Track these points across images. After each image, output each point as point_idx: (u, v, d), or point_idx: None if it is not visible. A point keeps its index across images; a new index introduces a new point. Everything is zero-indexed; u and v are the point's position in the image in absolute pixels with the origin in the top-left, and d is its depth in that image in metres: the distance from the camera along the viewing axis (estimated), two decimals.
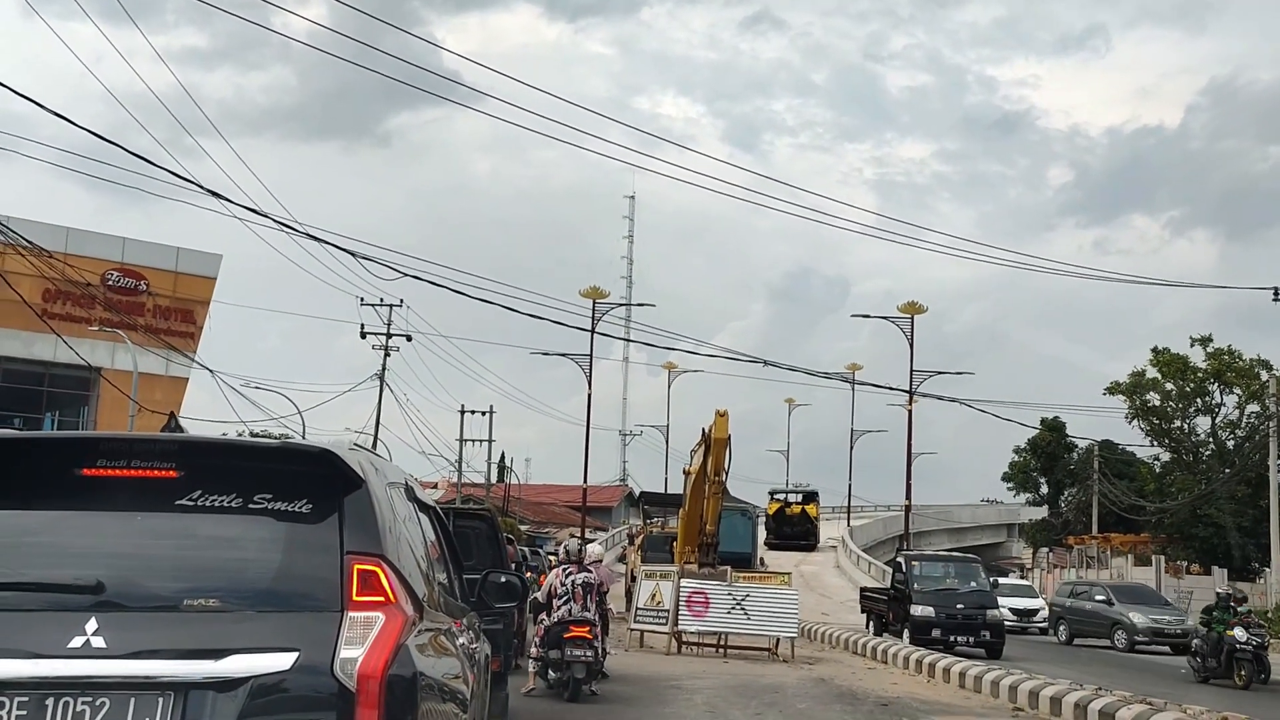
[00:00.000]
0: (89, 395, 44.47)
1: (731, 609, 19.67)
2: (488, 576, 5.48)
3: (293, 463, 3.76)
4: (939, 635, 21.93)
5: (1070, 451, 67.06)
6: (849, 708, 13.22)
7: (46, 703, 3.27)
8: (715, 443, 24.29)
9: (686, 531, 27.59)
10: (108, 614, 3.37)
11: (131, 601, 3.43)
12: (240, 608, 3.45)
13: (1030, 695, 13.63)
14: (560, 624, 12.76)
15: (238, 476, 3.65)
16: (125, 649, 3.31)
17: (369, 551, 3.58)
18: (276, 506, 3.61)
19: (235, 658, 3.32)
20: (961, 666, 16.49)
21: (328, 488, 3.64)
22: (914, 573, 23.43)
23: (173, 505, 3.59)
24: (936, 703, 14.22)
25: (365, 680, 3.36)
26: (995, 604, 23.10)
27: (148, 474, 3.63)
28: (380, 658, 3.41)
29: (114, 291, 44.00)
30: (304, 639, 3.38)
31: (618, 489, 77.63)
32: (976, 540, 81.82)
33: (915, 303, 39.27)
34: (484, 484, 57.65)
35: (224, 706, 3.29)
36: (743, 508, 39.13)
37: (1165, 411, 52.85)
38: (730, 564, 27.09)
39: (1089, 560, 52.99)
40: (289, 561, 3.55)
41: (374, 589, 3.53)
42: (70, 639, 3.31)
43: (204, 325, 46.83)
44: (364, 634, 3.44)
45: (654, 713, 12.28)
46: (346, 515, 3.61)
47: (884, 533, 68.58)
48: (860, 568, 48.76)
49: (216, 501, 3.60)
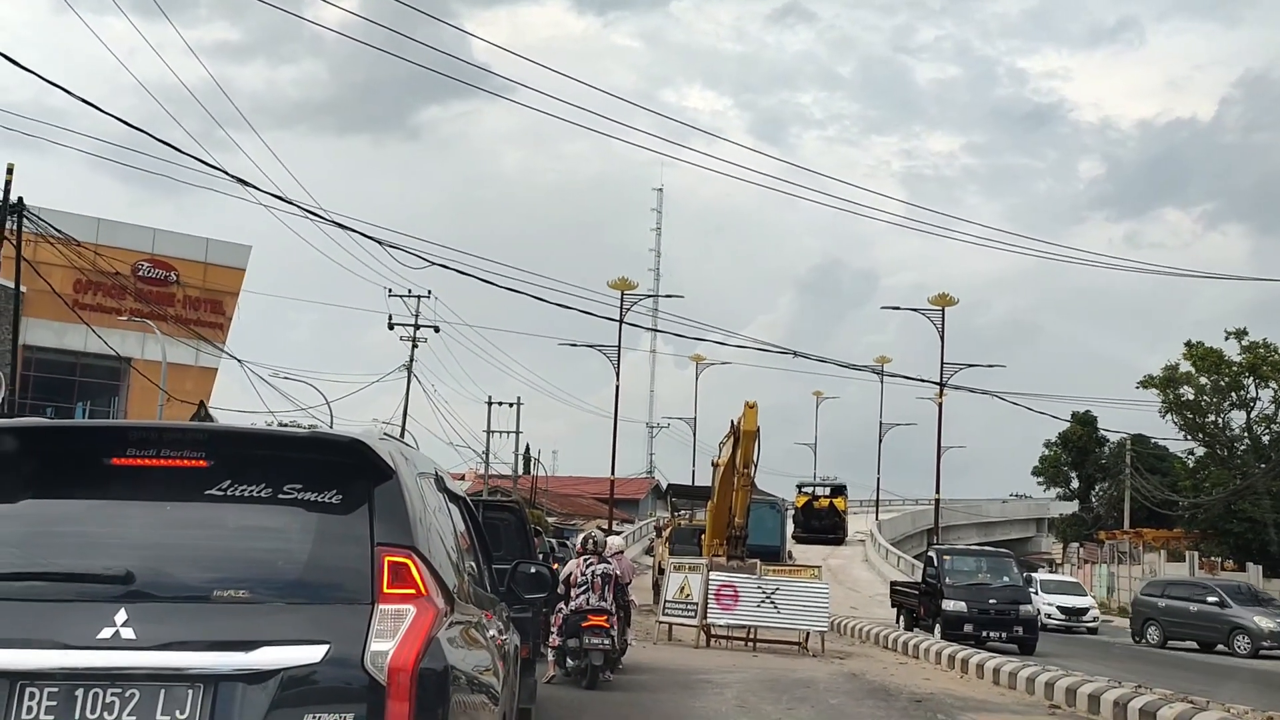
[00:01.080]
0: (119, 385, 44.74)
1: (761, 602, 19.48)
2: (517, 567, 5.47)
3: (323, 452, 3.71)
4: (971, 630, 21.68)
5: (1102, 446, 66.35)
6: (882, 704, 13.01)
7: (76, 694, 3.24)
8: (744, 435, 24.13)
9: (715, 524, 27.46)
10: (137, 605, 3.34)
11: (161, 592, 3.40)
12: (270, 599, 3.41)
13: (1067, 692, 13.38)
14: (578, 613, 13.03)
15: (267, 466, 3.61)
16: (155, 640, 3.28)
17: (400, 543, 3.53)
18: (306, 497, 3.56)
19: (265, 650, 3.29)
20: (995, 662, 16.24)
21: (358, 478, 3.59)
22: (945, 567, 23.16)
23: (202, 495, 3.55)
24: (971, 699, 13.99)
25: (396, 673, 3.32)
26: (1028, 599, 22.80)
27: (177, 463, 3.59)
28: (412, 651, 3.36)
29: (144, 282, 44.23)
30: (334, 631, 3.35)
31: (644, 481, 77.45)
32: (1005, 535, 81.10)
33: (946, 295, 38.83)
34: (511, 475, 57.67)
35: (254, 699, 3.26)
36: (771, 501, 38.96)
37: (1199, 406, 52.09)
38: (759, 557, 26.97)
39: (1121, 556, 52.41)
40: (319, 553, 3.50)
41: (405, 581, 3.49)
42: (100, 630, 3.28)
43: (233, 316, 47.03)
44: (395, 627, 3.39)
45: (685, 706, 12.12)
46: (377, 506, 3.57)
47: (912, 526, 68.11)
48: (889, 562, 48.40)
49: (246, 491, 3.56)
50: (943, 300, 38.61)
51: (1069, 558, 62.24)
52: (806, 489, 61.22)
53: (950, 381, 38.89)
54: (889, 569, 46.97)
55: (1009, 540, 77.16)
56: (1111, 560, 52.76)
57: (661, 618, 21.07)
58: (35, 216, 19.99)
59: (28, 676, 3.25)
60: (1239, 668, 22.03)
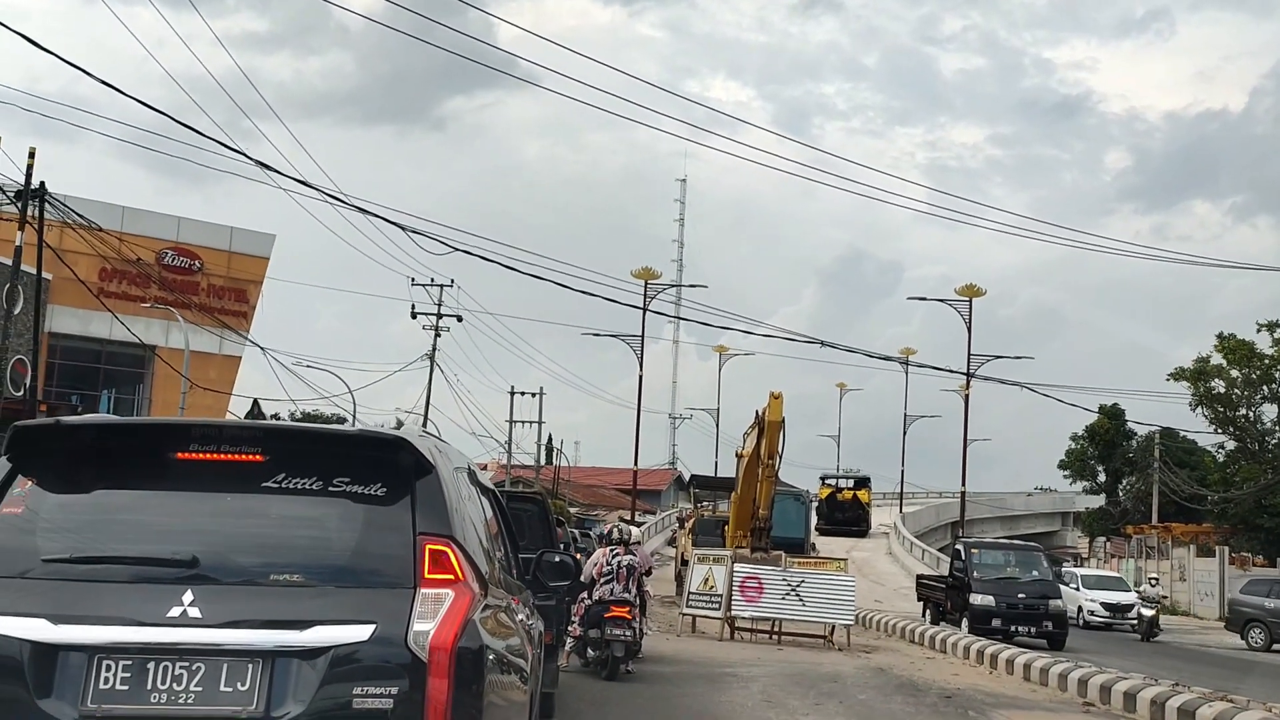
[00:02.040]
0: (144, 373, 44.83)
1: (786, 595, 19.22)
2: (543, 556, 5.72)
3: (369, 449, 3.98)
4: (999, 625, 21.33)
5: (1129, 439, 65.61)
6: (911, 699, 12.74)
7: (148, 667, 3.51)
8: (769, 425, 23.85)
9: (739, 515, 27.18)
10: (202, 587, 3.59)
11: (222, 575, 3.66)
12: (321, 583, 3.66)
13: (1101, 690, 13.07)
14: (601, 604, 12.98)
15: (318, 461, 3.88)
16: (218, 619, 3.54)
17: (439, 533, 3.79)
18: (354, 489, 3.83)
19: (318, 629, 3.54)
20: (1026, 658, 15.93)
21: (401, 472, 3.86)
22: (974, 561, 22.79)
23: (259, 487, 3.82)
24: (1002, 695, 13.70)
25: (436, 652, 3.56)
26: (1058, 594, 22.41)
27: (236, 458, 3.85)
28: (450, 631, 3.61)
29: (169, 270, 44.24)
30: (380, 613, 3.59)
31: (667, 472, 77.30)
32: (1030, 528, 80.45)
33: (974, 285, 38.36)
34: (534, 465, 57.55)
35: (307, 674, 3.51)
36: (796, 492, 38.59)
37: (1230, 399, 51.36)
38: (782, 549, 26.71)
39: (1148, 550, 51.76)
40: (365, 541, 3.76)
41: (444, 567, 3.74)
42: (169, 609, 3.54)
43: (257, 304, 47.01)
44: (435, 609, 3.64)
45: (711, 700, 11.90)
46: (418, 498, 3.83)
47: (936, 519, 67.67)
48: (914, 554, 48.04)
49: (299, 484, 3.83)
50: (970, 291, 38.14)
51: (1095, 552, 61.59)
52: (830, 481, 60.82)
53: (978, 373, 38.42)
54: (913, 562, 46.61)
55: (1033, 534, 76.45)
56: (1139, 555, 52.12)
57: (685, 610, 20.84)
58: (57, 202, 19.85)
59: (104, 650, 3.51)
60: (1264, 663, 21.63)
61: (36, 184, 19.38)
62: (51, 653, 3.51)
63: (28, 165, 19.71)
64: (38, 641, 3.50)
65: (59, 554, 3.70)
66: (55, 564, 3.68)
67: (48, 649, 3.50)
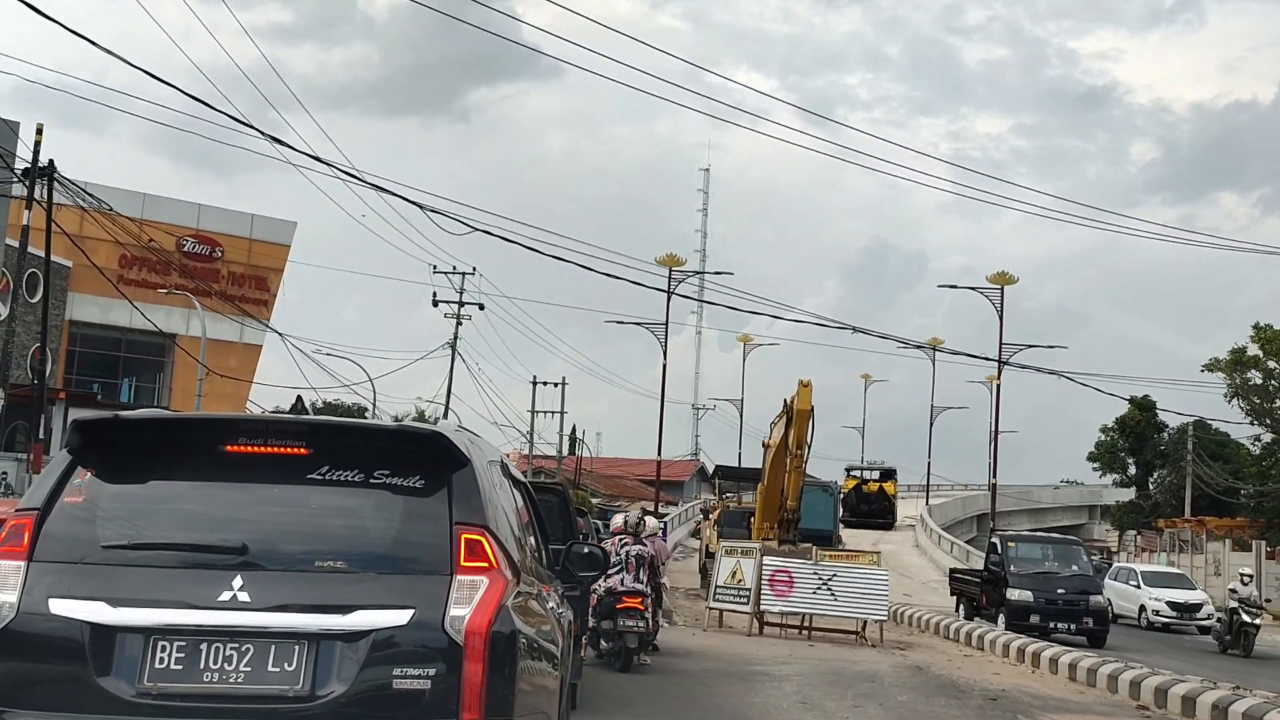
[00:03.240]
0: (164, 361, 44.53)
1: (817, 589, 18.55)
2: (572, 548, 5.86)
3: (408, 443, 4.13)
4: (1037, 621, 20.57)
5: (1161, 432, 64.52)
6: (954, 701, 12.08)
7: (200, 647, 3.69)
8: (798, 414, 23.20)
9: (765, 507, 26.56)
10: (251, 572, 3.76)
11: (270, 562, 3.82)
12: (363, 570, 3.82)
13: (1156, 692, 12.35)
14: (612, 594, 12.67)
15: (360, 454, 4.03)
16: (267, 603, 3.72)
17: (474, 522, 3.94)
18: (393, 481, 3.99)
19: (360, 613, 3.71)
20: (1071, 657, 15.22)
21: (438, 465, 4.02)
22: (1010, 554, 22.00)
23: (304, 479, 4.00)
24: (1049, 698, 13.01)
25: (472, 636, 3.71)
26: (1098, 589, 21.63)
27: (282, 451, 4.02)
28: (485, 616, 3.75)
29: (189, 258, 43.87)
30: (418, 598, 3.75)
31: (689, 463, 76.62)
32: (1057, 521, 79.39)
33: (1005, 273, 37.40)
34: (555, 456, 57.03)
35: (350, 655, 3.67)
36: (824, 484, 37.81)
37: (1267, 390, 50.24)
38: (810, 541, 26.05)
39: (1181, 544, 50.73)
40: (404, 530, 3.93)
41: (479, 556, 3.88)
42: (220, 593, 3.72)
43: (278, 293, 46.64)
44: (470, 595, 3.78)
45: (743, 701, 11.27)
46: (455, 490, 3.98)
47: (963, 512, 66.73)
48: (942, 547, 47.18)
49: (341, 476, 3.99)
50: (1002, 279, 37.21)
51: (1125, 545, 60.55)
52: (855, 473, 60.00)
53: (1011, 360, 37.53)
54: (941, 555, 45.81)
55: (1060, 527, 75.37)
56: (1172, 549, 51.08)
57: (712, 604, 20.19)
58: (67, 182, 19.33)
59: (160, 631, 3.70)
60: None
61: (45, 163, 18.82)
62: (110, 634, 3.68)
63: (36, 142, 19.20)
64: (98, 624, 3.68)
65: (117, 541, 3.88)
66: (113, 550, 3.86)
67: (107, 631, 3.68)
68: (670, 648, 15.97)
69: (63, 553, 3.84)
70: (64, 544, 3.86)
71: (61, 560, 3.82)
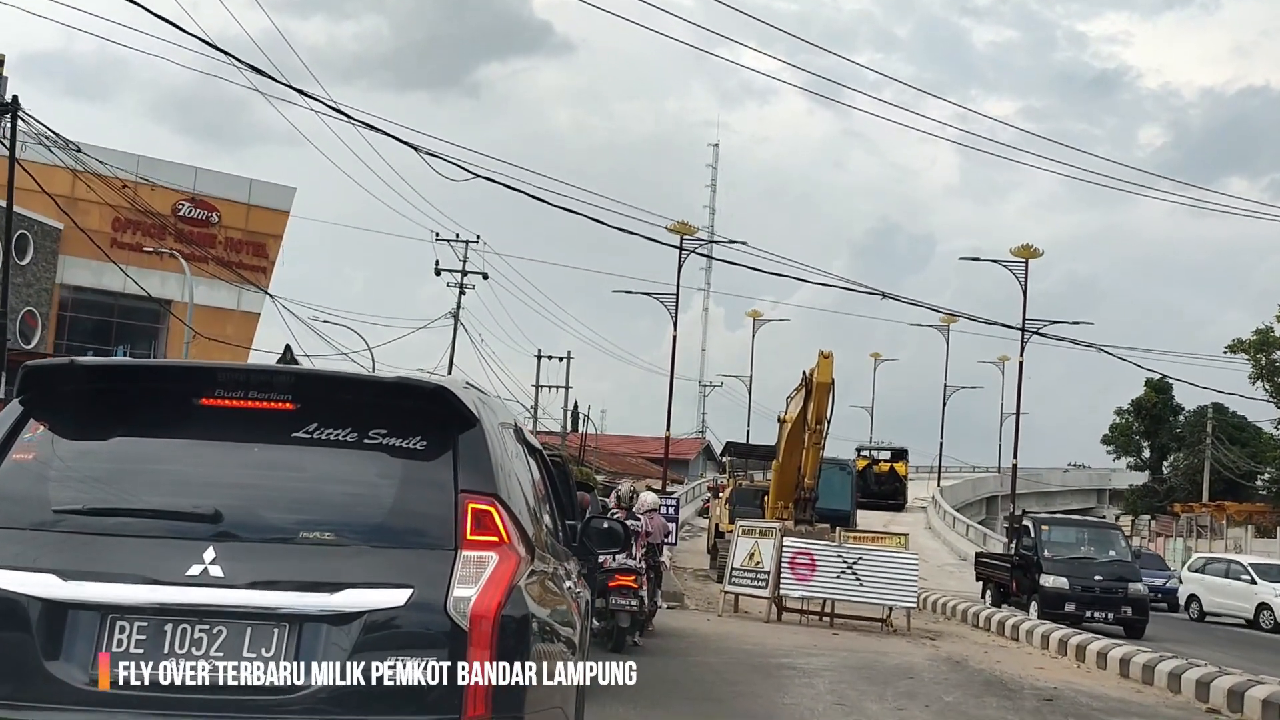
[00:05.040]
0: (159, 328, 43.40)
1: (842, 573, 17.32)
2: (590, 522, 5.39)
3: (408, 399, 3.63)
4: (1073, 610, 19.34)
5: (1177, 415, 63.29)
6: (1006, 702, 10.85)
7: (165, 629, 3.27)
8: (818, 387, 21.99)
9: (780, 485, 25.35)
10: (225, 544, 3.33)
11: (248, 532, 3.40)
12: (354, 542, 3.39)
13: (1230, 695, 11.10)
14: (605, 572, 11.77)
15: (353, 411, 3.59)
16: (242, 579, 3.28)
17: (483, 491, 3.51)
18: (391, 442, 3.54)
19: (349, 592, 3.28)
20: (1120, 651, 14.00)
21: (442, 425, 3.56)
22: (1044, 538, 20.72)
23: (289, 438, 3.54)
24: (1106, 697, 11.77)
25: (478, 620, 3.29)
26: (1137, 576, 20.36)
27: (265, 406, 3.56)
28: (493, 598, 3.34)
29: (184, 223, 42.61)
30: (417, 576, 3.32)
31: (695, 441, 75.51)
32: (1065, 505, 78.25)
33: (1030, 246, 36.04)
34: (560, 432, 55.87)
35: (337, 640, 3.24)
36: (841, 461, 36.48)
37: None
38: (827, 522, 24.89)
39: (1200, 530, 49.56)
40: (403, 498, 3.48)
41: (488, 529, 3.46)
42: (188, 567, 3.30)
43: (276, 259, 45.42)
44: (477, 573, 3.37)
45: (772, 702, 10.05)
46: (461, 453, 3.54)
47: (972, 494, 65.69)
48: (956, 530, 46.05)
49: (332, 435, 3.54)
50: (1026, 252, 35.79)
51: (1138, 530, 59.40)
52: (866, 453, 58.77)
53: (1028, 341, 36.20)
54: (955, 537, 44.71)
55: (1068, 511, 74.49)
56: (1189, 534, 49.92)
57: (727, 587, 18.96)
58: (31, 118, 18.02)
59: (118, 610, 3.27)
60: None
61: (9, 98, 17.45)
62: (61, 611, 3.27)
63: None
64: (47, 599, 3.27)
65: (71, 505, 3.45)
66: (67, 515, 3.43)
67: (57, 607, 3.27)
68: (684, 634, 14.82)
69: (8, 517, 3.41)
70: (10, 506, 3.43)
71: (7, 526, 3.39)
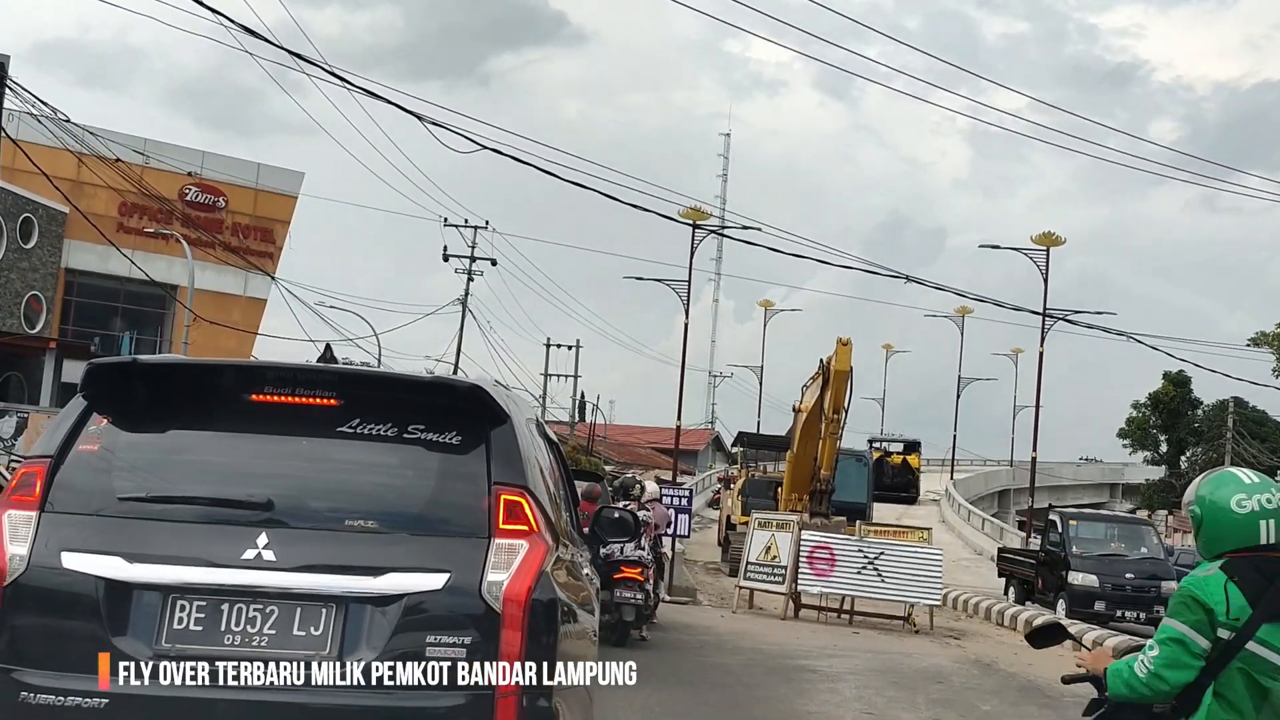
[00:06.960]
0: (165, 314, 42.88)
1: (863, 568, 16.64)
2: (602, 511, 5.55)
3: (444, 397, 3.84)
4: (1103, 609, 18.61)
5: (1195, 408, 62.40)
6: (1047, 710, 10.17)
7: (222, 608, 3.46)
8: (835, 376, 21.34)
9: (795, 476, 24.72)
10: (276, 530, 3.52)
11: (296, 520, 3.58)
12: (396, 530, 3.59)
13: None
14: (609, 563, 11.34)
15: (393, 407, 3.76)
16: (293, 563, 3.47)
17: (514, 483, 3.68)
18: (429, 437, 3.72)
19: (392, 576, 3.46)
20: None
21: (476, 421, 3.74)
22: (1072, 534, 19.98)
23: (334, 432, 3.72)
24: None
25: (510, 603, 3.47)
26: (1171, 574, 19.63)
27: (311, 402, 3.75)
28: (524, 582, 3.51)
29: (191, 207, 42.02)
30: (454, 562, 3.51)
31: (704, 432, 74.90)
32: (1077, 499, 77.37)
33: (1051, 234, 35.18)
34: (568, 422, 55.26)
35: (380, 620, 3.44)
36: (857, 453, 35.69)
37: None
38: (842, 514, 24.23)
39: None
40: (440, 489, 3.69)
41: (519, 518, 3.63)
42: (243, 551, 3.48)
43: (284, 245, 44.83)
44: (509, 559, 3.54)
45: (795, 710, 9.39)
46: (493, 448, 3.71)
47: (985, 487, 64.95)
48: (971, 524, 45.32)
49: (374, 430, 3.71)
50: (1048, 240, 34.83)
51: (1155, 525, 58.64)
52: (878, 445, 58.00)
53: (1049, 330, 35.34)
54: (971, 531, 43.98)
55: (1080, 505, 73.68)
56: None
57: (743, 582, 18.29)
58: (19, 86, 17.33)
59: (179, 590, 3.47)
60: None
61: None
62: (127, 591, 3.47)
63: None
64: (113, 579, 3.46)
65: (134, 493, 3.64)
66: (131, 502, 3.62)
67: (123, 587, 3.47)
68: (698, 631, 14.16)
69: (77, 504, 3.60)
70: (78, 495, 3.62)
71: (75, 512, 3.59)
